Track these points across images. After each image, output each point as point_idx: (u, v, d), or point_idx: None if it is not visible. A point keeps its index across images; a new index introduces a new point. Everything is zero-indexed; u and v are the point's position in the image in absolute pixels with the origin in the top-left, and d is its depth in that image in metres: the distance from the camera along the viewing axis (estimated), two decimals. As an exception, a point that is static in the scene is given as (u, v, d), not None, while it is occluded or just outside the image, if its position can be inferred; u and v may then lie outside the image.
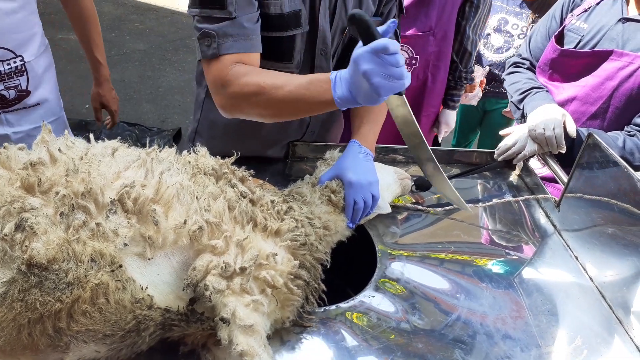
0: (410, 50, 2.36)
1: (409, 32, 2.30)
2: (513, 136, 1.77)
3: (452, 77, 2.52)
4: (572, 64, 1.77)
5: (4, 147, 0.97)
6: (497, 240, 1.51)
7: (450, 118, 2.65)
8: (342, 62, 1.57)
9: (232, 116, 1.35)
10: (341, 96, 1.15)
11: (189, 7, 1.29)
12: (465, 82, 2.55)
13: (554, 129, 1.61)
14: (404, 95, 1.18)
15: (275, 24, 1.34)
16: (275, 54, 1.39)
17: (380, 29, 1.10)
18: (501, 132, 1.89)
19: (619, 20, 1.68)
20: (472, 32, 2.38)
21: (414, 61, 2.38)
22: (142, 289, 0.91)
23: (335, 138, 1.90)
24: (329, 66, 1.50)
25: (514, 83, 1.94)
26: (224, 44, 1.25)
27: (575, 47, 1.77)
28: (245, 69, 1.27)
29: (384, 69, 1.05)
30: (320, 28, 1.41)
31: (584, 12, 1.79)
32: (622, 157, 1.54)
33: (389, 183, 1.47)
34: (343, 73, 1.16)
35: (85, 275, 0.85)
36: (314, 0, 1.37)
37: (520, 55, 2.01)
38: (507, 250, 1.46)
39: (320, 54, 1.46)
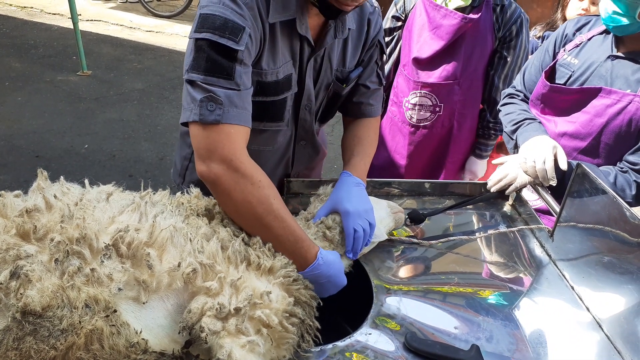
0: (434, 98, 2.34)
1: (432, 80, 2.30)
2: (505, 167, 1.78)
3: (481, 125, 2.46)
4: (562, 99, 1.78)
5: (0, 195, 0.99)
6: (494, 272, 1.51)
7: (476, 166, 2.54)
8: (326, 113, 1.65)
9: (208, 186, 1.25)
10: (310, 272, 1.24)
11: (188, 71, 1.22)
12: (492, 132, 2.44)
13: (544, 162, 1.62)
14: None
15: (272, 89, 1.39)
16: (269, 115, 1.45)
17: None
18: (494, 162, 1.91)
19: (608, 57, 1.69)
20: (501, 83, 2.30)
21: (437, 109, 2.36)
22: (137, 332, 0.91)
23: (318, 173, 1.92)
24: (312, 119, 1.58)
25: (508, 114, 1.96)
26: (228, 113, 1.20)
27: (565, 83, 1.78)
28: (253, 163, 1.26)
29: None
30: (307, 87, 1.49)
31: (575, 47, 1.80)
32: (613, 193, 1.54)
33: (382, 217, 1.48)
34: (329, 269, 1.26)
35: (80, 322, 0.85)
36: (302, 62, 1.44)
37: (515, 87, 2.03)
38: (503, 282, 1.45)
39: (304, 109, 1.54)
